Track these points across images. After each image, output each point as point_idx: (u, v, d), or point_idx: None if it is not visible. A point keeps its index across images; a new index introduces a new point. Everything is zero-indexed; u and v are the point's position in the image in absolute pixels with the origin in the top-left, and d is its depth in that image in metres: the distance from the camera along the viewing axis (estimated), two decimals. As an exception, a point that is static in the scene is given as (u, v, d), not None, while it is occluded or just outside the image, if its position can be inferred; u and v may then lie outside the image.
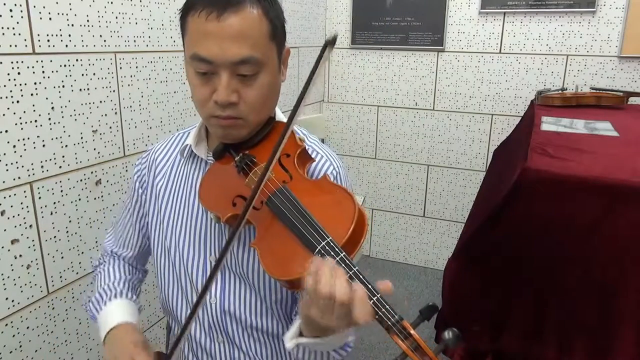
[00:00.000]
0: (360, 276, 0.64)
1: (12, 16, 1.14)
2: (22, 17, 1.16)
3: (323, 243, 0.66)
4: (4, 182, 1.17)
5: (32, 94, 1.20)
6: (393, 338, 0.61)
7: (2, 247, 1.18)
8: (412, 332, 0.61)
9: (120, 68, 1.45)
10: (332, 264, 0.64)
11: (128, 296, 0.99)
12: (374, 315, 0.62)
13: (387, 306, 0.62)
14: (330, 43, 0.66)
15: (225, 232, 0.90)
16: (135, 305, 0.99)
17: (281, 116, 0.94)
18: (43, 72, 1.22)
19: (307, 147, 0.85)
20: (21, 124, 1.19)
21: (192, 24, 0.79)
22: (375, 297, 0.63)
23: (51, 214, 1.30)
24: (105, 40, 1.38)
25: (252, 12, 0.77)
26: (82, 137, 1.35)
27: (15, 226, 1.21)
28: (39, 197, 1.26)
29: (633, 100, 2.26)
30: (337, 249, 0.65)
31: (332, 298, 0.62)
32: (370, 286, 0.63)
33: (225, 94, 0.78)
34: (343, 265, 0.64)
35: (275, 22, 0.81)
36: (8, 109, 1.15)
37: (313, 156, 0.87)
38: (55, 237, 1.32)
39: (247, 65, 0.78)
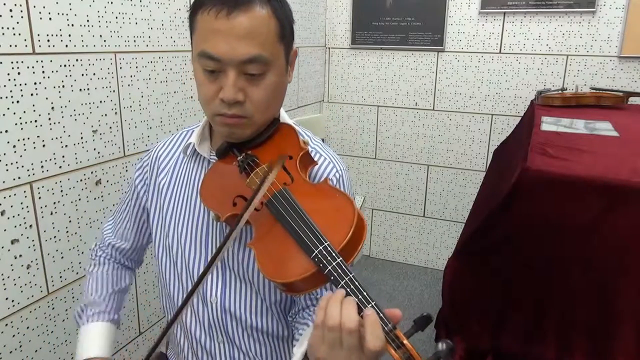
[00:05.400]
0: (356, 283, 0.64)
1: (12, 16, 1.14)
2: (22, 17, 1.16)
3: (320, 247, 0.66)
4: (4, 182, 1.17)
5: (32, 94, 1.20)
6: (386, 347, 0.61)
7: (2, 247, 1.19)
8: (404, 341, 0.60)
9: (120, 68, 1.45)
10: (341, 295, 0.63)
11: (110, 316, 1.03)
12: (386, 343, 0.61)
13: (381, 315, 0.62)
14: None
15: (226, 232, 0.90)
16: (115, 327, 1.04)
17: (286, 117, 0.94)
18: (43, 72, 1.22)
19: (310, 150, 0.85)
20: (21, 124, 1.19)
21: (202, 22, 0.79)
22: (369, 305, 0.63)
23: (51, 214, 1.30)
24: (105, 40, 1.38)
25: (261, 11, 0.78)
26: (82, 137, 1.35)
27: (15, 226, 1.21)
28: (39, 197, 1.26)
29: (633, 100, 2.26)
30: (334, 254, 0.65)
31: (339, 327, 0.61)
32: (365, 293, 0.63)
33: (232, 92, 0.78)
34: (339, 270, 0.64)
35: (284, 22, 0.82)
36: (8, 109, 1.15)
37: (316, 158, 0.87)
38: (55, 237, 1.32)
39: (255, 64, 0.78)
